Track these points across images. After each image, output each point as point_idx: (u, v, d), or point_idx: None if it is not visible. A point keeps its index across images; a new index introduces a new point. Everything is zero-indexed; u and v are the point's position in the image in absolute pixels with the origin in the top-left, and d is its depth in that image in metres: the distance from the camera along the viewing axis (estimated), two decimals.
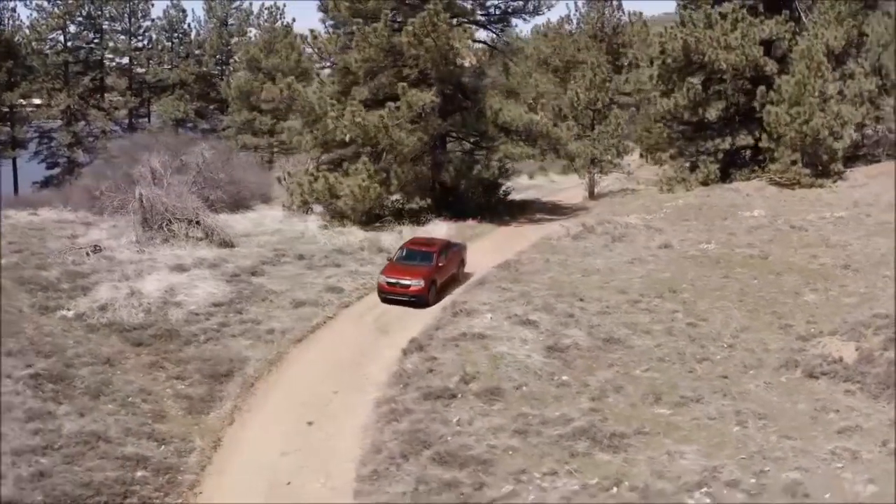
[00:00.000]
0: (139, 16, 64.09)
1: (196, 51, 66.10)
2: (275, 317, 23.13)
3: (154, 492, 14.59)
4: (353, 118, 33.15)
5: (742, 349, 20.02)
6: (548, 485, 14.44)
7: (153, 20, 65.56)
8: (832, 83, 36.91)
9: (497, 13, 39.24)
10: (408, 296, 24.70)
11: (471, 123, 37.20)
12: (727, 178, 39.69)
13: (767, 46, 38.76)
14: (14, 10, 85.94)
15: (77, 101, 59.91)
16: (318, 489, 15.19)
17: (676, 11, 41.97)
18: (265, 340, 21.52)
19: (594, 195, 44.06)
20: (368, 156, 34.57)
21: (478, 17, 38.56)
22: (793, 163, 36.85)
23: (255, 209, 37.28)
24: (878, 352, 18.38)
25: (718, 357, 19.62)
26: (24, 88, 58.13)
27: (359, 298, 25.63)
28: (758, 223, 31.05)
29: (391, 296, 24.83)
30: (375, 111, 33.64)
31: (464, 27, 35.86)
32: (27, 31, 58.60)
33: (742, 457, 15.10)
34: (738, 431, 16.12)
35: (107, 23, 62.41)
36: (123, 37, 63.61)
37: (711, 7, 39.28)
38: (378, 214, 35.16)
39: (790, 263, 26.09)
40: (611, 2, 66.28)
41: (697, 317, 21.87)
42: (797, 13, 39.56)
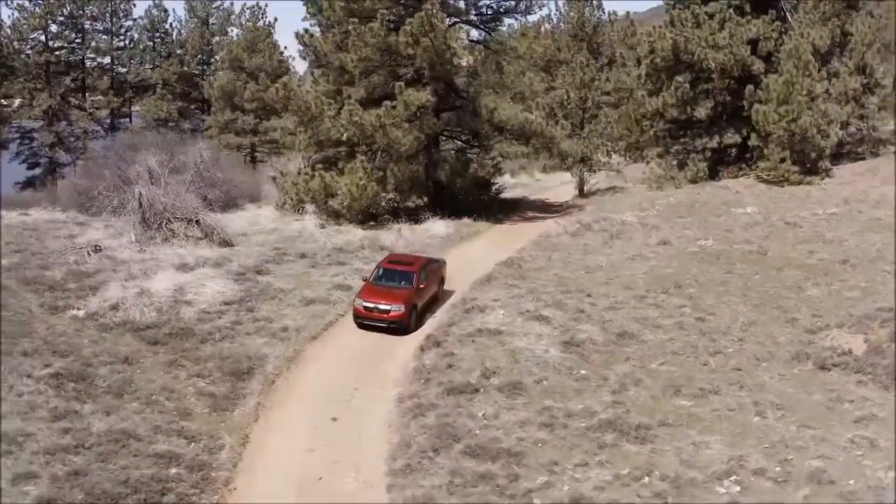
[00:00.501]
0: (121, 15, 63.30)
1: (178, 50, 65.41)
2: (286, 315, 23.21)
3: (190, 489, 14.61)
4: (351, 117, 33.26)
5: (752, 342, 20.43)
6: (580, 475, 14.72)
7: (135, 20, 64.85)
8: (819, 82, 37.54)
9: (489, 13, 39.53)
10: (386, 321, 22.34)
11: (465, 122, 37.50)
12: (715, 176, 40.28)
13: (754, 46, 39.33)
14: None
15: (59, 102, 59.15)
16: (350, 484, 15.29)
17: (666, 11, 42.44)
18: (280, 338, 21.58)
19: (584, 193, 44.45)
20: (364, 154, 34.70)
21: (471, 17, 38.82)
22: (781, 160, 37.49)
23: (246, 208, 37.24)
24: (887, 344, 18.87)
25: (730, 350, 20.00)
26: (6, 88, 57.38)
27: None
28: (752, 220, 31.56)
29: (368, 321, 22.47)
30: (371, 110, 33.76)
31: (458, 27, 36.10)
32: (8, 31, 57.66)
33: (765, 446, 15.49)
34: (759, 422, 16.51)
35: (88, 22, 61.55)
36: (105, 36, 62.79)
37: (699, 7, 39.83)
38: (374, 213, 35.25)
39: (789, 259, 26.61)
40: (591, 1, 66.70)
41: (705, 311, 22.29)
42: (783, 13, 40.23)
